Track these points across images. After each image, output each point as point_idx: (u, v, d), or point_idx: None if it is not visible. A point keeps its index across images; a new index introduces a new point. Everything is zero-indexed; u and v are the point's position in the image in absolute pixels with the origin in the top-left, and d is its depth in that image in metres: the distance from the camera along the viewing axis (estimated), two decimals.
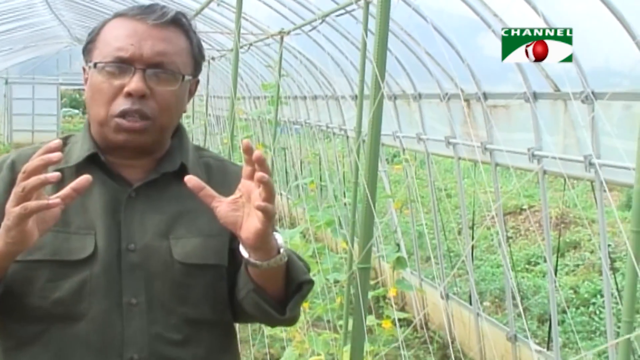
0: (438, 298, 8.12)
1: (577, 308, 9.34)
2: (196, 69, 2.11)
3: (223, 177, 2.12)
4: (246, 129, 10.05)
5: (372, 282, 6.04)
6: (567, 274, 10.27)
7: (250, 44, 10.16)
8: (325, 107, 10.88)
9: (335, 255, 5.99)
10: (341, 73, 9.12)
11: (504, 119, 6.29)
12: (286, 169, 12.41)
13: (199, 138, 13.78)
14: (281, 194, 12.74)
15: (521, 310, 6.82)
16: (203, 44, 2.16)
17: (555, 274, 10.10)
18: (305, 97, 11.89)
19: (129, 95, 1.96)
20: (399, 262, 5.32)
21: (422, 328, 8.27)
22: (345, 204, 7.08)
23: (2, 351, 2.03)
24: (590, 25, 5.14)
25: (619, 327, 8.51)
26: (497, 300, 9.52)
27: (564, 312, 9.03)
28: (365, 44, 5.06)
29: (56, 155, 1.74)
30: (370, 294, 5.13)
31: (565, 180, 5.54)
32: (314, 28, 7.66)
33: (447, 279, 8.01)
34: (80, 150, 2.06)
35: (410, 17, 6.38)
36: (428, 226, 9.51)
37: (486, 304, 9.10)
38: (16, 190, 1.74)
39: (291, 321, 2.10)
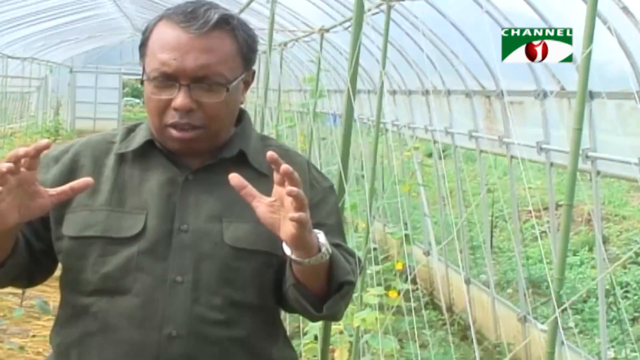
0: (462, 283, 8.62)
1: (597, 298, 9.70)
2: (247, 64, 2.11)
3: None
4: (291, 120, 10.56)
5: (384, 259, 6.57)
6: (593, 267, 10.65)
7: (297, 39, 10.69)
8: (367, 101, 11.35)
9: (357, 234, 6.51)
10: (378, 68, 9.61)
11: (518, 114, 6.77)
12: (320, 157, 12.89)
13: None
14: None
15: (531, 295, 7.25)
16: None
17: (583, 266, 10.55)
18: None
19: (176, 110, 2.03)
20: (406, 239, 5.84)
21: (448, 311, 8.75)
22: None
23: (61, 319, 2.17)
24: None
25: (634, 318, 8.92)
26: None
27: (584, 301, 9.48)
28: (386, 44, 5.63)
29: (44, 142, 1.85)
30: (380, 267, 5.64)
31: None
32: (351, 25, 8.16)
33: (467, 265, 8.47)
34: (141, 137, 2.15)
35: (437, 19, 6.91)
36: (469, 219, 9.93)
37: (509, 291, 9.54)
38: None
39: (331, 318, 2.22)
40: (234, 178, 1.91)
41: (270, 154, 1.85)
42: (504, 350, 7.27)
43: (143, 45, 2.10)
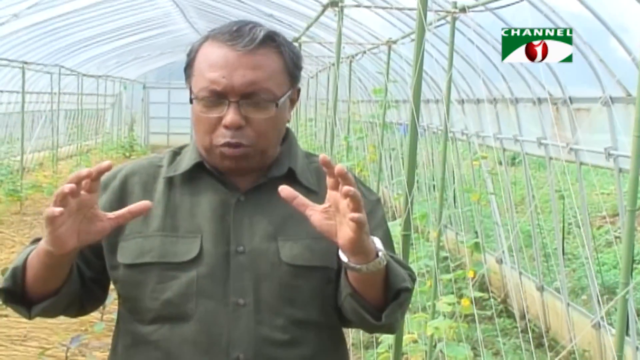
0: (535, 290, 8.63)
1: None
2: (293, 81, 2.12)
3: None
4: (360, 131, 10.69)
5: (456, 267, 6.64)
6: None
7: (364, 52, 10.82)
8: (436, 110, 11.43)
9: (427, 243, 6.60)
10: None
11: (585, 121, 6.80)
12: (391, 167, 12.97)
13: (320, 139, 14.43)
14: (386, 188, 13.27)
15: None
16: (327, 52, 2.29)
17: None
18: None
19: (227, 127, 2.02)
20: (476, 247, 5.92)
21: (521, 319, 8.76)
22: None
23: (122, 348, 2.14)
24: None
25: None
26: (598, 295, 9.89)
27: None
28: (452, 54, 5.73)
29: (106, 164, 1.85)
30: (452, 274, 5.71)
31: None
32: None
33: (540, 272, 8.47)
34: (189, 159, 2.13)
35: (502, 27, 6.96)
36: (540, 226, 9.94)
37: (583, 297, 9.50)
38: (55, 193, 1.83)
39: (389, 328, 2.08)
40: (284, 190, 1.88)
41: (322, 156, 1.83)
42: (578, 357, 7.28)
43: (189, 67, 2.12)
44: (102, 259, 2.12)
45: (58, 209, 1.79)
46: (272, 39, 2.07)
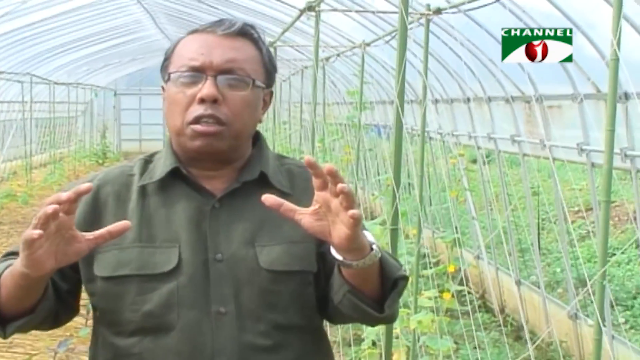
0: (513, 285, 8.80)
1: None
2: (268, 78, 2.13)
3: (305, 184, 2.05)
4: (336, 133, 10.83)
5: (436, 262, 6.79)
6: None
7: (338, 54, 10.95)
8: (410, 110, 11.56)
9: (408, 240, 6.74)
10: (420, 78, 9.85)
11: (558, 117, 6.98)
12: (365, 167, 13.09)
13: (294, 142, 14.54)
14: (363, 189, 13.41)
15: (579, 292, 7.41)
16: (298, 55, 2.30)
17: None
18: (392, 102, 12.62)
19: (202, 101, 2.00)
20: (454, 243, 6.08)
21: (500, 313, 8.93)
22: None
23: None
24: None
25: None
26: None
27: (634, 298, 9.63)
28: (427, 55, 5.88)
29: (85, 186, 1.80)
30: (432, 270, 5.86)
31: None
32: (393, 38, 8.43)
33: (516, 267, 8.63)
34: (163, 165, 2.10)
35: (473, 28, 7.15)
36: (515, 222, 10.11)
37: (559, 290, 9.69)
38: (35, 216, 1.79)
39: (391, 319, 2.07)
40: (269, 199, 1.85)
41: (307, 158, 1.80)
42: (556, 347, 7.45)
43: (166, 60, 2.12)
44: (79, 272, 2.09)
45: (37, 232, 1.75)
46: (251, 30, 2.11)
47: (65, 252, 1.84)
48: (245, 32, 2.08)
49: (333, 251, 1.90)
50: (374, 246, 1.90)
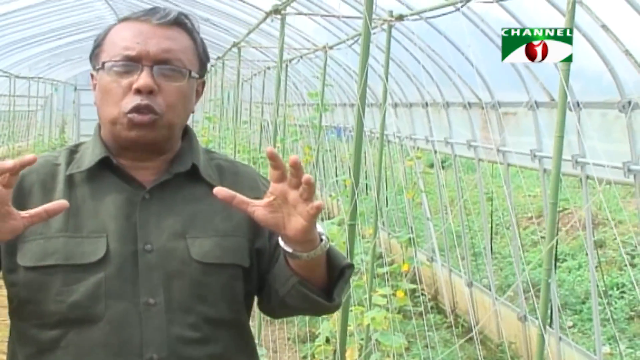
0: (464, 286, 9.00)
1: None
2: (202, 68, 2.12)
3: (234, 178, 2.12)
4: (295, 134, 10.96)
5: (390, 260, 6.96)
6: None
7: (301, 56, 11.10)
8: (369, 113, 11.71)
9: (364, 240, 6.90)
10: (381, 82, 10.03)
11: (513, 124, 7.18)
12: (324, 168, 13.22)
13: (254, 142, 14.63)
14: (320, 190, 13.56)
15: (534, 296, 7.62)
16: (261, 55, 2.28)
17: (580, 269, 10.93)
18: (352, 105, 12.79)
19: (138, 91, 1.97)
20: (409, 242, 6.24)
21: (452, 314, 9.12)
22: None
23: (23, 358, 2.03)
24: None
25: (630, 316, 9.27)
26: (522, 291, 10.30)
27: (583, 302, 9.87)
28: (388, 60, 6.05)
29: (29, 157, 1.74)
30: (387, 268, 6.02)
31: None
32: (355, 42, 8.59)
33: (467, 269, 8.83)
34: (91, 155, 2.05)
35: (433, 35, 7.34)
36: (469, 226, 10.31)
37: (510, 293, 9.90)
38: None
39: (338, 307, 2.09)
40: (221, 192, 1.85)
41: (269, 149, 1.80)
42: (505, 348, 7.65)
43: (97, 47, 2.07)
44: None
45: None
46: (185, 20, 2.09)
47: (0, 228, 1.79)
48: (180, 22, 2.06)
49: (282, 243, 1.93)
50: (323, 236, 1.94)
